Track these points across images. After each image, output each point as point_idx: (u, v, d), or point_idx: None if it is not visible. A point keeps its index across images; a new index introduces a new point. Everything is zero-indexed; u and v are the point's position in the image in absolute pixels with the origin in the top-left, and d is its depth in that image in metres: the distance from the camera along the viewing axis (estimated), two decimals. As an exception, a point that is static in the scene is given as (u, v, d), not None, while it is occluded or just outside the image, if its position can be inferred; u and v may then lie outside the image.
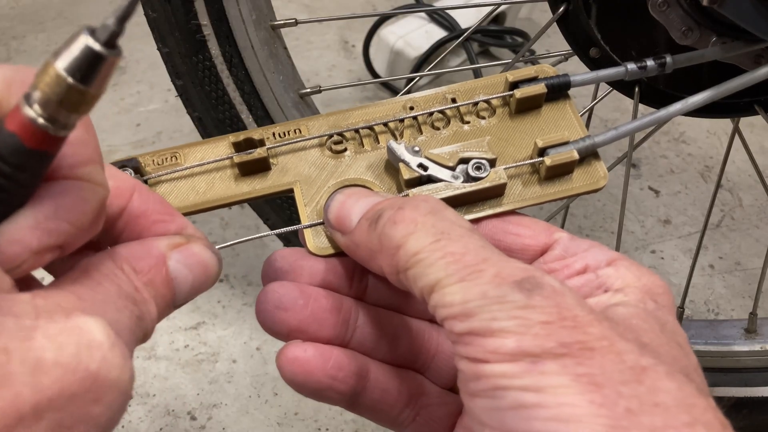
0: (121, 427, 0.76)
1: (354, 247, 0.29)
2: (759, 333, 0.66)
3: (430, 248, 0.25)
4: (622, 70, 0.39)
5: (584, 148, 0.34)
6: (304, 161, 0.35)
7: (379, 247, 0.27)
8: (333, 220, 0.31)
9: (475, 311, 0.24)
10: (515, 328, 0.23)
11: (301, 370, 0.30)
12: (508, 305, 0.23)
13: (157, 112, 1.12)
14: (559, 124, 0.35)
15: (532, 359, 0.22)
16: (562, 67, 0.54)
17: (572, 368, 0.22)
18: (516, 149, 0.35)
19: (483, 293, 0.24)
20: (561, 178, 0.34)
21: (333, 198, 0.32)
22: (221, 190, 0.34)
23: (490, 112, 0.36)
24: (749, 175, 1.04)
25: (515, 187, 0.34)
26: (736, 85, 0.40)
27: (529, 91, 0.35)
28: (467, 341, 0.24)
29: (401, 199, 0.28)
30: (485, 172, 0.32)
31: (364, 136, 0.36)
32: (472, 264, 0.25)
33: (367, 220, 0.28)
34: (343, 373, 0.31)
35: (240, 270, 0.91)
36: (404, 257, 0.26)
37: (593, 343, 0.23)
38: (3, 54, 1.22)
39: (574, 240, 0.31)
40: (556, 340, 0.23)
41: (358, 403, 0.32)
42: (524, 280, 0.24)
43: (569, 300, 0.24)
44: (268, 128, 0.36)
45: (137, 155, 0.34)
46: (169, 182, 0.34)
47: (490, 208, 0.33)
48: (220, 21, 0.56)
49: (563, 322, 0.23)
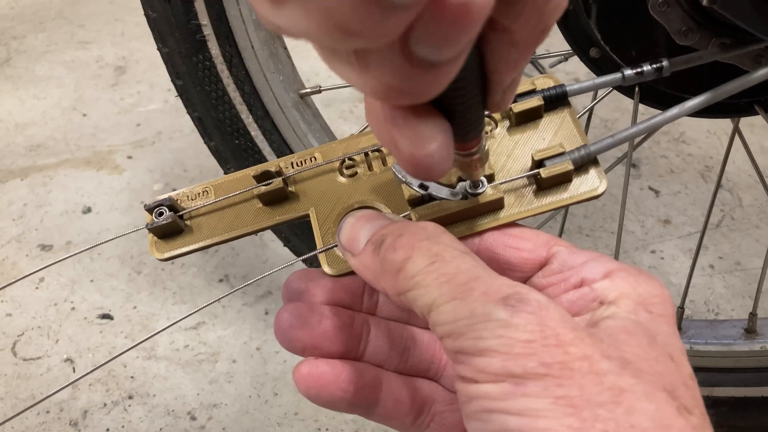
0: (121, 427, 0.76)
1: (362, 269, 0.31)
2: (759, 333, 0.66)
3: (425, 270, 0.27)
4: (618, 76, 0.39)
5: (580, 158, 0.34)
6: (319, 187, 0.37)
7: (381, 270, 0.29)
8: (344, 243, 0.32)
9: (464, 330, 0.25)
10: (499, 347, 0.24)
11: (315, 384, 0.32)
12: (492, 324, 0.24)
13: (157, 112, 1.12)
14: (558, 133, 0.36)
15: (515, 380, 0.23)
16: (562, 66, 0.54)
17: (552, 390, 0.23)
18: (517, 161, 0.36)
19: (471, 311, 0.25)
20: (559, 187, 0.35)
21: (344, 221, 0.33)
22: (247, 220, 0.37)
23: (491, 126, 0.37)
24: (749, 175, 1.04)
25: (514, 200, 0.35)
26: (733, 87, 0.40)
27: (525, 105, 0.36)
28: (460, 360, 0.25)
29: (402, 225, 0.30)
30: (483, 187, 0.34)
31: (372, 158, 0.38)
32: (463, 282, 0.26)
33: (372, 245, 0.30)
34: (355, 386, 0.33)
35: (240, 270, 0.91)
36: (403, 280, 0.27)
37: (573, 363, 0.23)
38: (3, 54, 1.22)
39: (573, 253, 0.32)
40: (537, 360, 0.23)
41: (374, 412, 0.34)
42: (509, 297, 0.25)
43: (553, 317, 0.25)
44: (286, 159, 0.38)
45: (171, 194, 0.37)
46: (201, 216, 0.37)
47: (489, 221, 0.34)
48: (220, 21, 0.56)
49: (545, 340, 0.24)
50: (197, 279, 0.89)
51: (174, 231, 0.36)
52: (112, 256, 0.92)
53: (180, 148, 1.06)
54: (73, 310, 0.87)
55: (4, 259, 0.92)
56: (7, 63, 1.20)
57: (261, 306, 0.87)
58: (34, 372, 0.81)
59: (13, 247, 0.93)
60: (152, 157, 1.05)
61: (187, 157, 1.05)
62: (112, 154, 1.05)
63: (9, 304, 0.87)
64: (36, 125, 1.10)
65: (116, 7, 1.31)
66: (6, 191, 1.00)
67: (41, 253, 0.92)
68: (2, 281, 0.89)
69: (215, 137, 0.63)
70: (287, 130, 0.62)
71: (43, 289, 0.88)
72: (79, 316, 0.86)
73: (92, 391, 0.79)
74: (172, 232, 0.36)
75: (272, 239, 0.93)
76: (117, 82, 1.17)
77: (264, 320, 0.86)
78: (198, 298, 0.88)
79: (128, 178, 1.02)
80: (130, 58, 1.21)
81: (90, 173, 1.02)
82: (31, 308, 0.87)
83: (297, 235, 0.69)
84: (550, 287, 0.31)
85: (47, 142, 1.07)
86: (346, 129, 1.10)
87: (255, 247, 0.93)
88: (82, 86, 1.16)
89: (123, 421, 0.77)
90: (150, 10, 0.56)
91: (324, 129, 0.66)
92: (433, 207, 0.34)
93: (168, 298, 0.88)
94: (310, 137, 0.63)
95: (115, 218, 0.96)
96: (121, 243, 0.93)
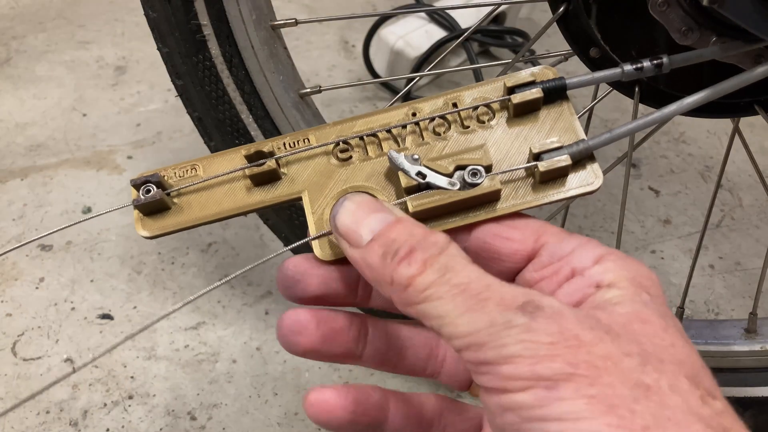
0: (121, 427, 0.76)
1: (363, 265, 0.30)
2: (759, 333, 0.66)
3: (436, 283, 0.27)
4: (618, 71, 0.39)
5: (577, 152, 0.34)
6: (312, 170, 0.36)
7: (389, 279, 0.29)
8: (342, 230, 0.32)
9: (485, 340, 0.25)
10: (524, 352, 0.24)
11: (322, 410, 0.33)
12: (515, 330, 0.25)
13: (157, 112, 1.12)
14: (556, 127, 0.36)
15: (546, 384, 0.23)
16: (562, 67, 0.54)
17: (584, 390, 0.23)
18: (514, 153, 0.36)
19: (491, 321, 0.25)
20: (556, 181, 0.35)
21: (341, 206, 0.32)
22: (237, 200, 0.36)
23: (489, 116, 0.37)
24: (749, 175, 1.04)
25: (511, 192, 0.35)
26: (732, 84, 0.40)
27: (525, 96, 0.36)
28: (484, 371, 0.25)
29: (413, 236, 0.29)
30: (481, 178, 0.33)
31: (368, 143, 0.37)
32: (476, 292, 0.26)
33: (381, 248, 0.29)
34: (362, 407, 0.34)
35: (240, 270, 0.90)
36: (413, 293, 0.28)
37: (598, 362, 0.24)
38: (3, 54, 1.22)
39: (560, 242, 0.32)
40: (563, 360, 0.24)
41: (385, 430, 0.35)
42: (526, 304, 0.25)
43: (570, 319, 0.25)
44: (278, 139, 0.37)
45: (159, 169, 0.36)
46: (190, 194, 0.36)
47: (485, 213, 0.34)
48: (220, 21, 0.56)
49: (567, 342, 0.24)
50: (197, 279, 0.89)
51: (161, 208, 0.36)
52: (112, 256, 0.92)
53: (180, 148, 1.06)
54: (73, 310, 0.87)
55: (4, 259, 0.92)
56: (7, 63, 1.20)
57: (261, 306, 0.87)
58: (34, 372, 0.81)
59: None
60: (152, 157, 1.05)
61: (187, 157, 1.04)
62: (112, 154, 1.05)
63: (9, 304, 0.87)
64: (36, 125, 1.10)
65: (116, 7, 1.30)
66: (6, 191, 1.00)
67: (41, 253, 0.92)
68: (2, 281, 0.89)
69: (215, 137, 0.63)
70: (287, 130, 0.62)
71: (43, 289, 0.88)
72: (79, 316, 0.86)
73: (92, 391, 0.79)
74: (160, 209, 0.36)
75: (272, 239, 0.93)
76: (117, 82, 1.17)
77: (264, 320, 0.86)
78: (198, 298, 0.87)
79: (128, 178, 1.02)
80: (130, 58, 1.21)
81: (90, 173, 1.02)
82: (31, 308, 0.87)
83: (297, 235, 0.69)
84: (543, 281, 0.31)
85: (47, 142, 1.07)
86: (346, 129, 1.09)
87: (255, 247, 0.93)
88: (82, 86, 1.16)
89: (123, 421, 0.77)
90: (150, 9, 0.56)
91: (324, 129, 0.66)
92: (430, 196, 0.33)
93: (168, 298, 0.88)
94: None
95: (115, 218, 0.96)
96: (121, 243, 0.93)
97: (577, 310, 0.26)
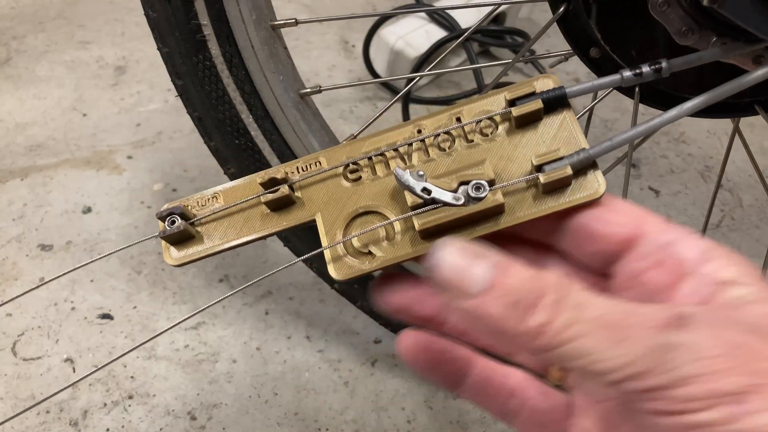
0: (121, 427, 0.76)
1: (476, 315, 0.28)
2: (759, 333, 0.66)
3: (574, 322, 0.26)
4: (617, 77, 0.39)
5: (578, 162, 0.34)
6: (324, 192, 0.38)
7: (519, 331, 0.27)
8: (448, 282, 0.29)
9: (649, 366, 0.24)
10: (699, 370, 0.23)
11: (415, 348, 0.35)
12: (679, 351, 0.24)
13: (157, 112, 1.12)
14: (558, 136, 0.36)
15: (734, 398, 0.23)
16: (562, 67, 0.54)
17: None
18: (517, 164, 0.36)
19: (647, 347, 0.24)
20: (559, 191, 0.35)
21: (440, 254, 0.29)
22: (255, 226, 0.38)
23: (492, 129, 0.37)
24: (749, 175, 1.04)
25: (515, 204, 0.35)
26: (732, 87, 0.40)
27: (524, 108, 0.36)
28: (654, 397, 0.24)
29: (533, 282, 0.28)
30: (484, 192, 0.34)
31: (376, 162, 0.38)
32: (618, 321, 0.25)
33: (502, 298, 0.27)
34: (449, 354, 0.35)
35: (240, 270, 0.91)
36: (550, 339, 0.26)
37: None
38: (3, 54, 1.22)
39: (662, 232, 0.31)
40: (740, 371, 0.23)
41: (464, 384, 0.36)
42: (674, 319, 0.25)
43: (724, 326, 0.24)
44: (291, 164, 0.38)
45: (182, 200, 0.38)
46: (210, 222, 0.38)
47: (489, 226, 0.34)
48: (220, 21, 0.56)
49: (732, 351, 0.23)
50: (197, 279, 0.89)
51: (186, 237, 0.37)
52: (112, 256, 0.92)
53: (180, 148, 1.06)
54: (73, 310, 0.87)
55: (5, 259, 0.92)
56: (7, 63, 1.20)
57: (261, 306, 0.87)
58: (34, 372, 0.81)
59: (13, 247, 0.93)
60: (152, 157, 1.05)
61: (187, 157, 1.05)
62: (112, 154, 1.05)
63: (9, 304, 0.87)
64: (36, 125, 1.10)
65: (116, 7, 1.30)
66: (6, 191, 1.00)
67: (41, 253, 0.92)
68: (2, 281, 0.89)
69: (215, 137, 0.63)
70: (287, 130, 0.62)
71: (43, 289, 0.88)
72: (79, 316, 0.86)
73: (92, 391, 0.79)
74: (185, 238, 0.37)
75: (272, 239, 0.93)
76: (117, 82, 1.17)
77: (264, 320, 0.86)
78: (198, 299, 0.88)
79: (128, 178, 1.02)
80: (130, 58, 1.21)
81: (90, 173, 1.02)
82: (31, 308, 0.87)
83: (297, 235, 0.70)
84: (648, 272, 0.30)
85: (47, 142, 1.07)
86: (346, 129, 1.10)
87: (255, 247, 0.93)
88: (82, 86, 1.16)
89: (123, 421, 0.77)
90: (150, 9, 0.56)
91: (324, 129, 0.66)
92: (435, 213, 0.34)
93: (168, 298, 0.88)
94: (310, 137, 0.63)
95: (115, 218, 0.96)
96: (121, 243, 0.93)
97: (718, 312, 0.26)
